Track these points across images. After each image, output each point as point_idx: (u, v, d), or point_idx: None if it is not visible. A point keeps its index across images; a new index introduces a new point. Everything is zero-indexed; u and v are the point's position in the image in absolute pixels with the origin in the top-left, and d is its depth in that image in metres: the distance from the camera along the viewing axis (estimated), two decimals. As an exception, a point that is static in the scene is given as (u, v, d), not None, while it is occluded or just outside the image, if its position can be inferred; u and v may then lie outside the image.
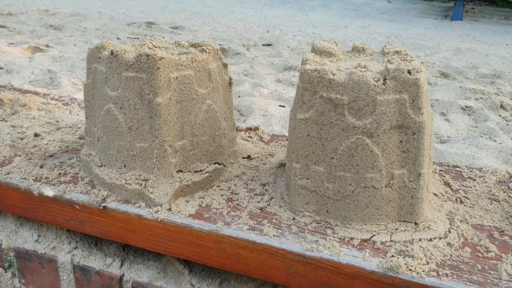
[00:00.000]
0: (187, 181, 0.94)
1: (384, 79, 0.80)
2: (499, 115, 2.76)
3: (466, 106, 2.80)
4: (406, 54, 0.87)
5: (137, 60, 0.86)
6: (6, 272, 1.11)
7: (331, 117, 0.82)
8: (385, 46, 0.93)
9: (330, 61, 0.90)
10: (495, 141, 2.36)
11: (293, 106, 0.90)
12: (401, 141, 0.82)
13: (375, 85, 0.79)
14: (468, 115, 2.74)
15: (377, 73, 0.82)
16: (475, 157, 2.15)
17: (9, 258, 1.09)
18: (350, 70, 0.81)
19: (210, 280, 0.96)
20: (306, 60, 0.87)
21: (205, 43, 0.98)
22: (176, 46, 1.00)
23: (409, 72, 0.79)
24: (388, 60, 0.84)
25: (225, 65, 1.02)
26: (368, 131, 0.81)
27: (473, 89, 3.10)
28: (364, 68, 0.81)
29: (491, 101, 2.90)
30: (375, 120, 0.80)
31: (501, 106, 2.87)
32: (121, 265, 1.01)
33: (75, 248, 1.04)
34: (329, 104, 0.82)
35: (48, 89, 2.85)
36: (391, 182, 0.83)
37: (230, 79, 1.04)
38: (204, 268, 0.98)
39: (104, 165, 0.97)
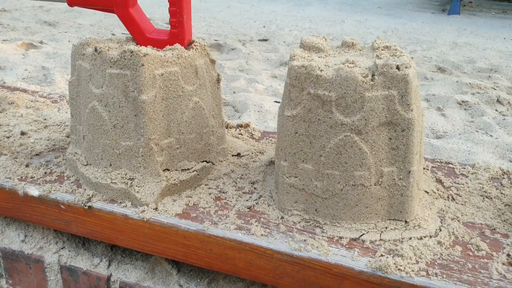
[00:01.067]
0: (174, 180, 0.92)
1: (373, 75, 0.78)
2: (496, 110, 2.74)
3: (462, 101, 2.78)
4: (395, 49, 0.85)
5: (121, 56, 0.84)
6: (-7, 272, 1.10)
7: (319, 114, 0.80)
8: (375, 41, 0.91)
9: (319, 57, 0.89)
10: (491, 136, 2.35)
11: (281, 103, 0.88)
12: (390, 138, 0.80)
13: (363, 81, 0.77)
14: (465, 110, 2.72)
15: (366, 68, 0.80)
16: (471, 152, 2.13)
17: (-5, 259, 1.08)
18: (337, 66, 0.79)
19: (198, 280, 0.95)
20: (294, 56, 0.85)
21: (192, 39, 0.96)
22: (162, 42, 0.98)
23: (397, 67, 0.77)
24: (377, 56, 0.82)
25: (213, 61, 1.00)
26: (357, 128, 0.79)
27: (469, 83, 3.08)
28: (352, 63, 0.80)
29: (487, 95, 2.88)
30: (363, 117, 0.78)
31: (498, 101, 2.85)
32: (109, 265, 1.00)
33: (62, 248, 1.03)
34: (316, 100, 0.80)
35: (41, 86, 2.83)
36: (380, 180, 0.82)
37: (218, 75, 1.02)
38: (193, 268, 0.96)
39: (90, 164, 0.95)
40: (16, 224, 1.07)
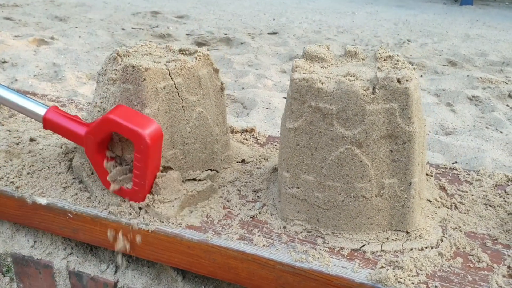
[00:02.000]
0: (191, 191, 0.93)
1: (373, 88, 0.78)
2: (507, 105, 2.72)
3: (473, 96, 2.76)
4: (397, 60, 0.85)
5: (123, 71, 0.85)
6: (4, 276, 1.13)
7: (320, 126, 0.81)
8: (378, 50, 0.91)
9: (321, 67, 0.89)
10: (501, 132, 2.33)
11: (283, 114, 0.89)
12: (391, 151, 0.81)
13: (364, 95, 0.78)
14: (475, 105, 2.70)
15: (367, 81, 0.80)
16: (481, 150, 2.12)
17: (6, 263, 1.11)
18: (338, 79, 0.80)
19: (203, 287, 0.96)
20: (296, 68, 0.85)
21: (195, 49, 0.97)
22: (166, 52, 0.99)
23: (398, 81, 0.78)
24: (378, 68, 0.82)
25: (216, 70, 1.01)
26: (357, 141, 0.79)
27: (480, 77, 3.05)
28: (353, 76, 0.80)
29: (499, 90, 2.85)
30: (364, 130, 0.79)
31: (509, 96, 2.82)
32: (116, 271, 1.02)
33: (70, 254, 1.05)
34: (318, 113, 0.81)
35: (52, 83, 2.86)
36: (382, 192, 0.82)
37: (222, 84, 1.02)
38: (197, 275, 0.98)
39: (95, 174, 0.97)
40: (26, 230, 1.09)
